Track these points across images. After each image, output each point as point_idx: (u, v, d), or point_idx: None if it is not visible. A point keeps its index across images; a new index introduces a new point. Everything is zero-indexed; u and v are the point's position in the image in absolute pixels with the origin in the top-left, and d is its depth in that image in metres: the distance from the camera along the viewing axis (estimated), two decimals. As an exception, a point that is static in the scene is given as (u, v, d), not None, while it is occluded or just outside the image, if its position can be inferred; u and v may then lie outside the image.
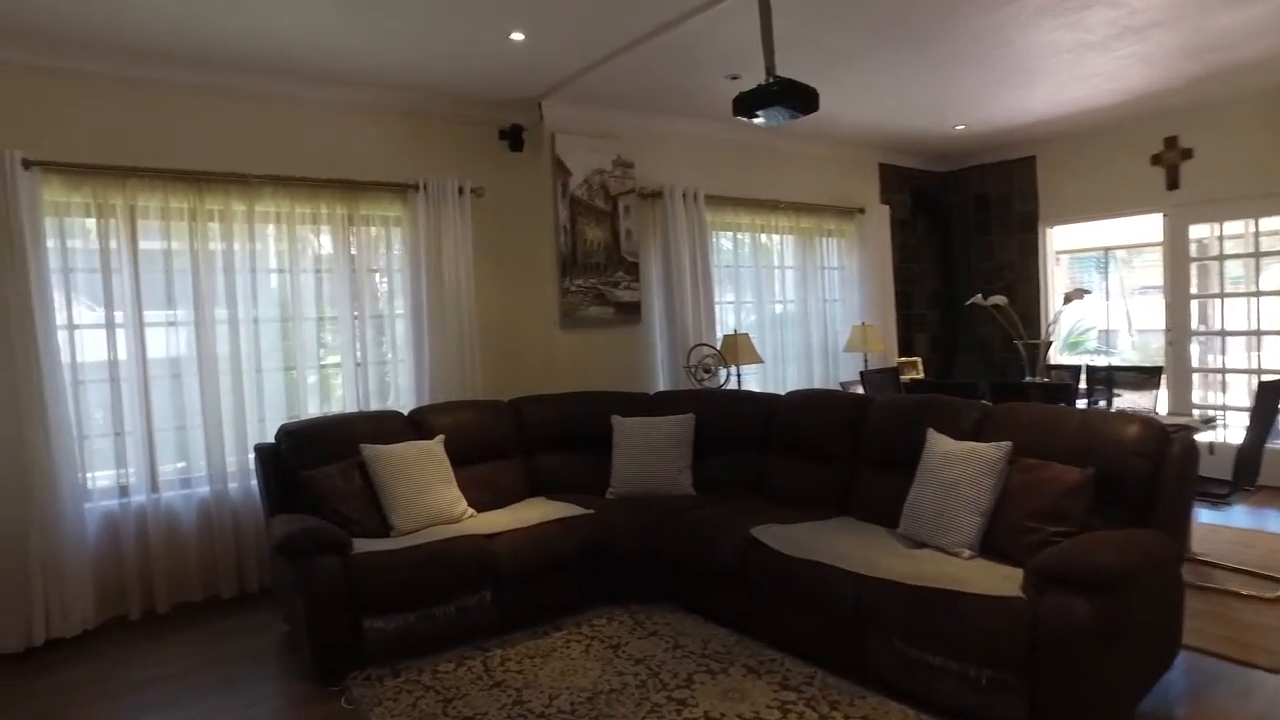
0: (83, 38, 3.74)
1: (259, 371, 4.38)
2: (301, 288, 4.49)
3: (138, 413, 4.05)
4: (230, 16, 3.59)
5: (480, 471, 4.36)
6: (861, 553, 3.18)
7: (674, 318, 5.48)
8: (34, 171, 3.76)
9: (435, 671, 3.34)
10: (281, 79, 4.37)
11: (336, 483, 3.81)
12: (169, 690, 3.33)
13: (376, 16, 3.68)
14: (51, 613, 3.78)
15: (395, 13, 3.65)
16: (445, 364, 4.82)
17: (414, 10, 3.64)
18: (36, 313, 3.72)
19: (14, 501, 3.69)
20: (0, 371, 3.65)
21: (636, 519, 4.03)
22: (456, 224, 4.85)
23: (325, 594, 3.26)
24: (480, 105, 5.00)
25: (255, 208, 4.33)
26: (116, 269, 4.01)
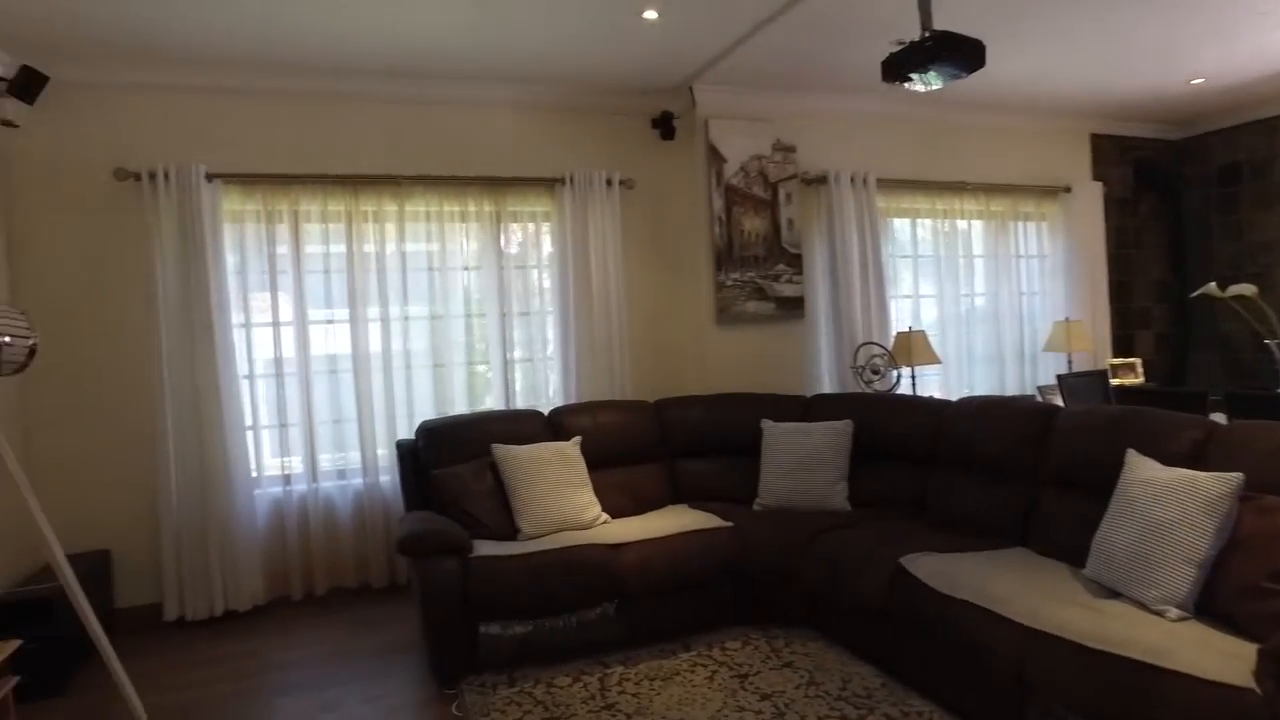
0: (248, 60, 3.99)
1: (409, 369, 4.49)
2: (451, 285, 4.56)
3: (300, 407, 4.28)
4: (373, 32, 3.67)
5: (619, 476, 4.19)
6: (1030, 597, 2.62)
7: (841, 314, 5.01)
8: (215, 183, 4.08)
9: (550, 685, 3.20)
10: (427, 82, 4.44)
11: (467, 482, 3.79)
12: (306, 672, 3.46)
13: (504, 9, 3.59)
14: (228, 588, 4.10)
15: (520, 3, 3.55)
16: (592, 363, 4.71)
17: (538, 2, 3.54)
18: (215, 312, 4.03)
19: (195, 487, 4.02)
20: (183, 368, 4.00)
21: (779, 535, 3.67)
22: (604, 217, 4.72)
23: (441, 596, 3.23)
24: (628, 94, 4.83)
25: (406, 207, 4.44)
26: (283, 270, 4.26)
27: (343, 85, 4.30)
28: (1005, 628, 2.55)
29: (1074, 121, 5.88)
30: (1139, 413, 3.09)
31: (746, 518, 3.85)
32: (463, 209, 4.55)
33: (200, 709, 3.17)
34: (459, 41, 3.94)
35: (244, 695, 3.28)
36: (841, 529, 3.60)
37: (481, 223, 4.60)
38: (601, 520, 3.92)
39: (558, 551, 3.44)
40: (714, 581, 3.60)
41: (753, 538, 3.67)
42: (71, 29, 3.55)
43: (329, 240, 4.35)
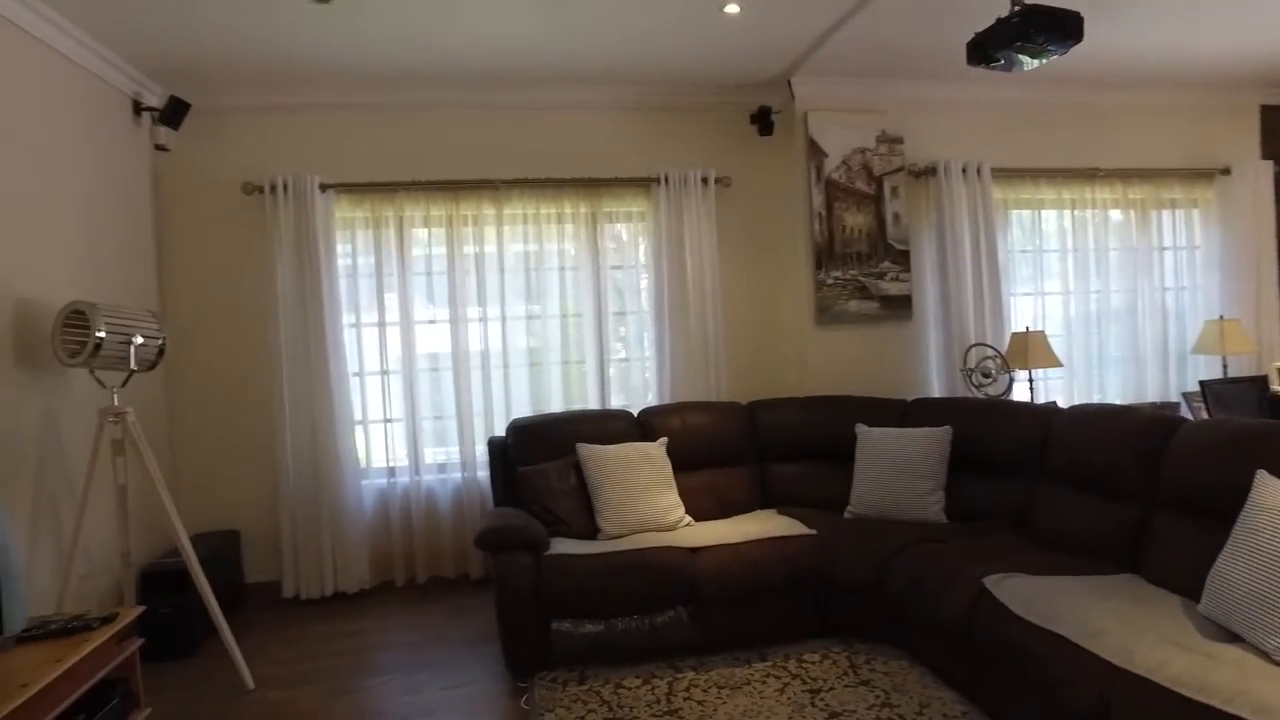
0: (355, 77, 4.23)
1: (506, 367, 4.63)
2: (548, 286, 4.65)
3: (405, 403, 4.52)
4: (465, 44, 3.79)
5: (707, 478, 4.15)
6: (1126, 632, 2.36)
7: (951, 313, 4.71)
8: (329, 193, 4.37)
9: (619, 685, 3.21)
10: (522, 88, 4.54)
11: (550, 480, 3.86)
12: (400, 655, 3.65)
13: (573, 13, 3.62)
14: (338, 571, 4.39)
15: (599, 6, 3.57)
16: (687, 363, 4.68)
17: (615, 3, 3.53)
18: (327, 314, 4.32)
19: (309, 476, 4.33)
20: (298, 366, 4.31)
21: (864, 546, 3.50)
22: (699, 216, 4.67)
23: (514, 591, 3.31)
24: (724, 90, 4.75)
25: (504, 210, 4.57)
26: (389, 273, 4.50)
27: (443, 95, 4.48)
28: (1091, 664, 2.30)
29: (1237, 93, 5.22)
30: (1275, 429, 2.71)
31: (833, 526, 3.71)
32: (559, 210, 4.64)
33: (301, 682, 3.42)
34: (538, 48, 4.01)
35: (341, 673, 3.50)
36: (930, 542, 3.39)
37: (578, 224, 4.67)
38: (685, 523, 3.89)
39: (632, 553, 3.44)
40: (794, 590, 3.49)
41: (836, 547, 3.53)
42: (209, 62, 3.89)
43: (431, 244, 4.55)
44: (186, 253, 4.37)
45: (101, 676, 2.70)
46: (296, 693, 3.33)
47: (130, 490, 3.36)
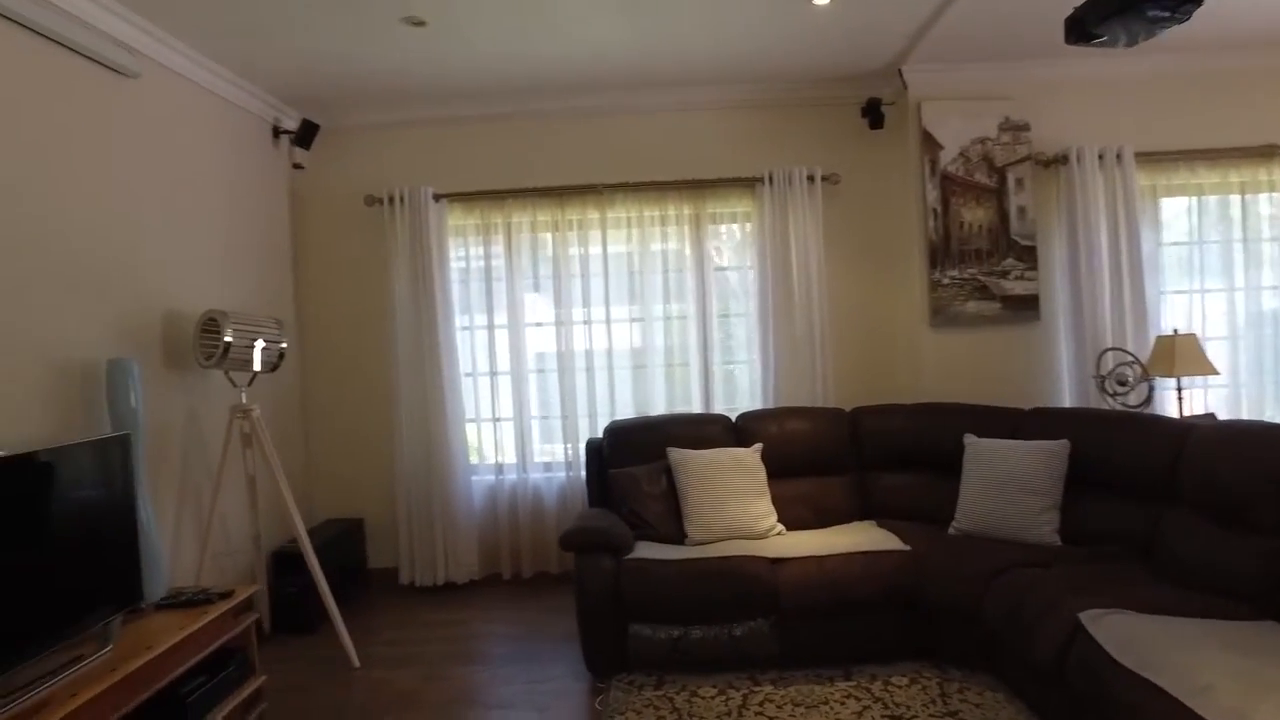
0: (462, 91, 4.44)
1: (610, 369, 4.70)
2: (651, 288, 4.68)
3: (513, 403, 4.70)
4: (564, 52, 3.88)
5: (803, 486, 4.03)
6: (1241, 692, 2.06)
7: (1083, 314, 4.30)
8: (442, 203, 4.61)
9: (694, 693, 3.19)
10: (623, 92, 4.60)
11: (640, 484, 3.88)
12: (493, 647, 3.82)
13: (660, 16, 3.60)
14: (449, 561, 4.64)
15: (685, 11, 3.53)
16: (792, 366, 4.56)
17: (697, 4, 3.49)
18: (439, 317, 4.56)
19: (423, 470, 4.60)
20: (412, 367, 4.58)
21: (961, 566, 3.27)
22: (805, 215, 4.54)
23: (593, 593, 3.37)
24: (830, 84, 4.57)
25: (608, 214, 4.64)
26: (497, 278, 4.69)
27: (546, 104, 4.61)
28: (1188, 722, 2.04)
29: None
30: None
31: (932, 542, 3.50)
32: (663, 213, 4.65)
33: (402, 664, 3.65)
34: (634, 54, 4.03)
35: (440, 659, 3.71)
36: (1034, 566, 3.12)
37: (681, 226, 4.66)
38: (776, 531, 3.80)
39: (711, 560, 3.41)
40: (883, 608, 3.32)
41: (930, 565, 3.32)
42: (333, 86, 4.22)
43: (538, 248, 4.70)
44: (318, 262, 4.76)
45: (219, 645, 3.00)
46: (396, 674, 3.56)
47: (264, 478, 3.71)
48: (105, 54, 3.12)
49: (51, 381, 2.84)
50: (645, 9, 3.52)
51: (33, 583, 2.47)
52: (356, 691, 3.41)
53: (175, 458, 3.52)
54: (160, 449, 3.42)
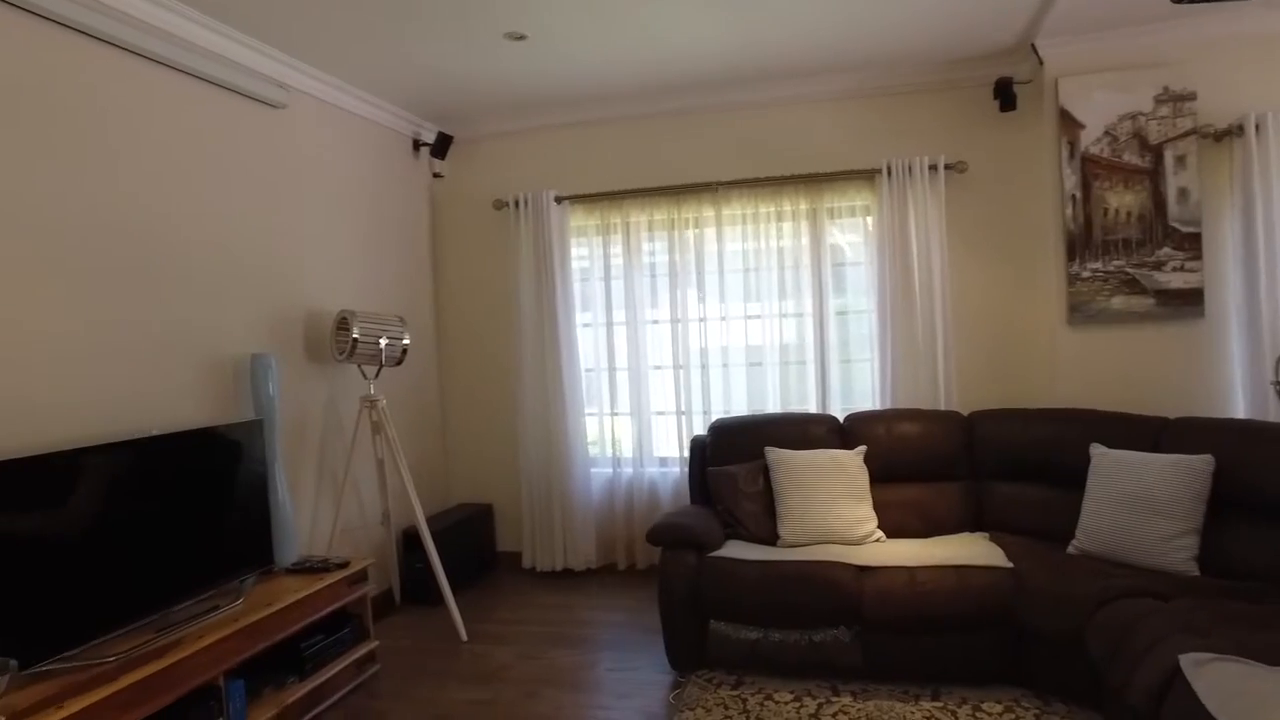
0: (580, 97, 4.58)
1: (726, 367, 4.69)
2: (767, 285, 4.61)
3: (630, 398, 4.82)
4: (668, 55, 3.93)
5: (910, 492, 3.83)
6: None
7: (1260, 310, 3.73)
8: (564, 205, 4.82)
9: (770, 696, 3.15)
10: (734, 89, 4.54)
11: (737, 483, 3.86)
12: (592, 632, 3.96)
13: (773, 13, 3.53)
14: (568, 549, 4.85)
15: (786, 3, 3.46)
16: (911, 366, 4.33)
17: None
18: (560, 314, 4.78)
19: (543, 461, 4.84)
20: (535, 362, 4.83)
21: (1067, 589, 2.97)
22: (927, 206, 4.28)
23: (674, 588, 3.41)
24: (951, 66, 4.27)
25: (724, 211, 4.63)
26: (616, 276, 4.83)
27: (660, 104, 4.68)
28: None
29: None
30: None
31: (1040, 561, 3.20)
32: (778, 209, 4.57)
33: (504, 641, 3.89)
34: (738, 50, 3.98)
35: (539, 640, 3.91)
36: (1150, 596, 2.77)
37: (798, 221, 4.56)
38: (874, 538, 3.65)
39: (794, 564, 3.33)
40: (975, 627, 3.09)
41: (1031, 586, 3.05)
42: (462, 100, 4.54)
43: (655, 247, 4.79)
44: (455, 263, 5.14)
45: (335, 608, 3.37)
46: (496, 650, 3.80)
47: (406, 461, 4.09)
48: (257, 91, 3.58)
49: (206, 372, 3.31)
50: (750, 6, 3.49)
51: (184, 539, 2.92)
52: (456, 662, 3.68)
53: (315, 440, 3.97)
54: (301, 432, 3.87)
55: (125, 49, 2.99)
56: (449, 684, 3.46)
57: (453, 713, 3.20)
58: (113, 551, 2.66)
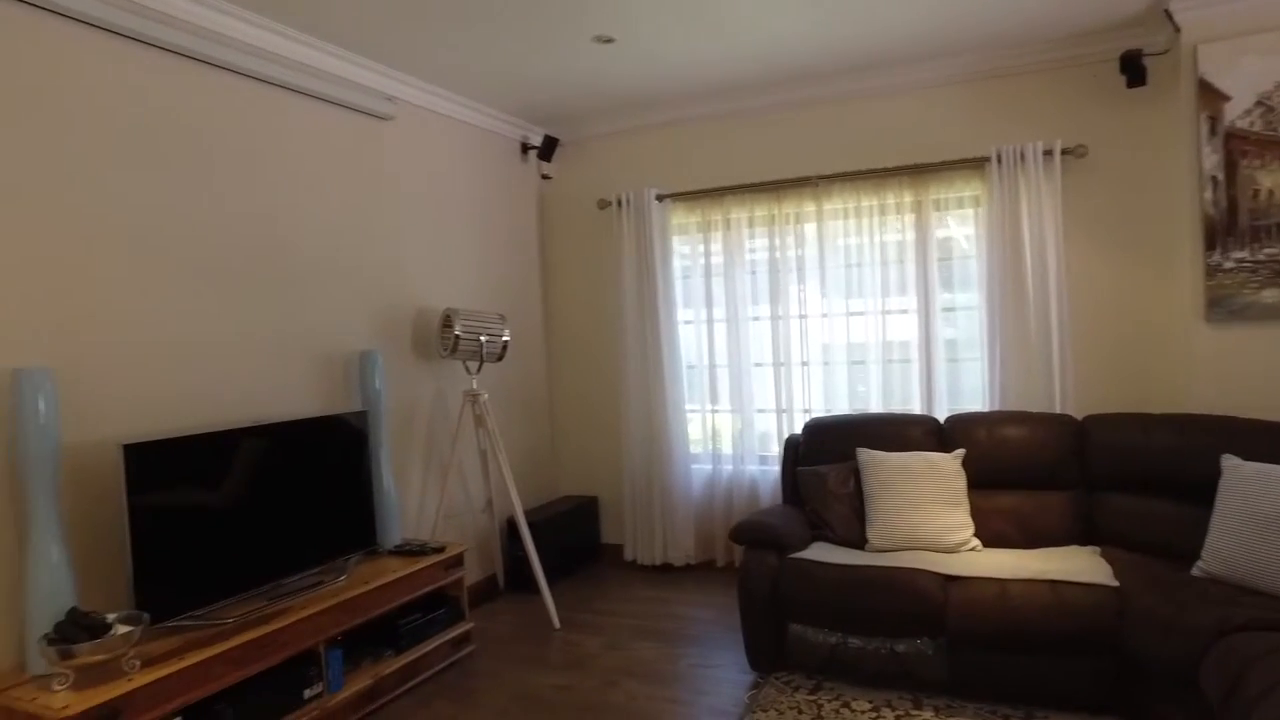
0: (680, 95, 4.59)
1: (827, 364, 4.57)
2: (871, 281, 4.45)
3: (730, 395, 4.80)
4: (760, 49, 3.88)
5: (1012, 500, 3.60)
6: None
7: None
8: (665, 203, 4.86)
9: (847, 704, 3.07)
10: (833, 80, 4.41)
11: (827, 483, 3.76)
12: (680, 627, 3.99)
13: None
14: (668, 544, 4.90)
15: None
16: (1022, 366, 4.06)
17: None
18: (661, 311, 4.82)
19: (645, 457, 4.91)
20: (637, 359, 4.90)
21: (1180, 616, 2.69)
22: (1041, 194, 3.99)
23: (753, 588, 3.38)
24: (1068, 41, 3.93)
25: (824, 206, 4.51)
26: (717, 273, 4.81)
27: (758, 99, 4.61)
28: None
29: None
30: None
31: (1154, 582, 2.92)
32: (881, 202, 4.40)
33: (595, 631, 4.00)
34: (835, 39, 3.85)
35: (628, 632, 3.99)
36: (1275, 631, 2.46)
37: (902, 214, 4.38)
38: (970, 547, 3.46)
39: (876, 569, 3.22)
40: (1070, 650, 2.87)
41: (1137, 609, 2.79)
42: (566, 105, 4.68)
43: (756, 243, 4.74)
44: (562, 262, 5.30)
45: (431, 590, 3.59)
46: (586, 639, 3.91)
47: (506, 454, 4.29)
48: (366, 105, 3.86)
49: (321, 367, 3.62)
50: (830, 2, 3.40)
51: (299, 518, 3.22)
52: (547, 649, 3.82)
53: (422, 431, 4.23)
54: (409, 423, 4.14)
55: (254, 77, 3.32)
56: (536, 668, 3.60)
57: (535, 695, 3.33)
58: (238, 525, 2.97)
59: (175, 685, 2.53)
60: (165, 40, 2.97)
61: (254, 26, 3.27)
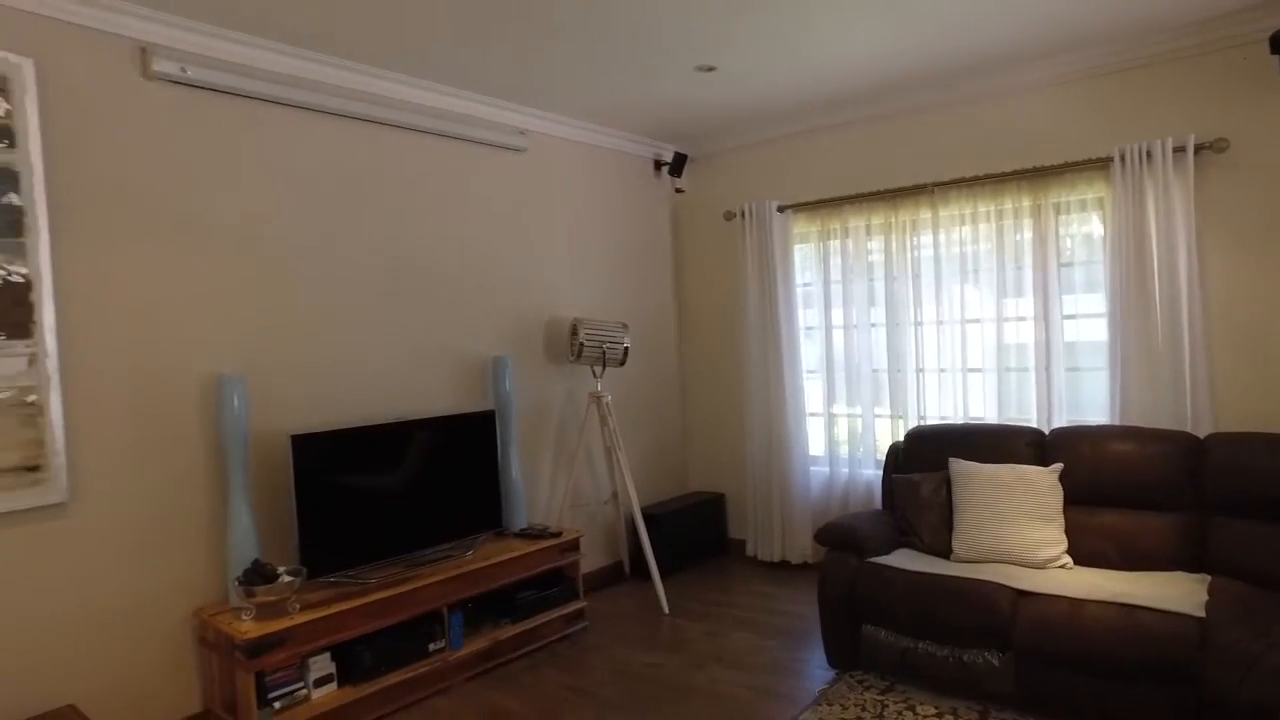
0: (794, 109, 4.72)
1: (940, 371, 4.54)
2: (987, 287, 4.36)
3: (848, 400, 4.89)
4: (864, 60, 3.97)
5: (1112, 519, 3.47)
6: None
7: None
8: (786, 214, 5.04)
9: (913, 707, 3.18)
10: (947, 85, 4.34)
11: (919, 491, 3.81)
12: (777, 622, 4.20)
13: None
14: (786, 542, 5.09)
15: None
16: (1147, 378, 3.83)
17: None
18: (782, 319, 5.01)
19: (765, 458, 5.12)
20: (759, 364, 5.12)
21: (1265, 654, 2.54)
22: (1171, 195, 3.73)
23: (832, 589, 3.53)
24: (1204, 25, 3.61)
25: (940, 213, 4.47)
26: (835, 280, 4.91)
27: (873, 108, 4.65)
28: None
29: None
30: None
31: (1255, 616, 2.75)
32: (998, 207, 4.30)
33: (699, 619, 4.31)
34: (945, 44, 3.86)
35: (729, 622, 4.26)
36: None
37: (1020, 219, 4.25)
38: (1059, 564, 3.39)
39: (948, 578, 3.27)
40: (1144, 677, 2.78)
41: (1221, 643, 2.65)
42: (693, 124, 4.99)
43: (873, 251, 4.78)
44: (694, 271, 5.62)
45: (547, 569, 4.09)
46: (688, 625, 4.24)
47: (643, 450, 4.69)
48: (501, 140, 4.42)
49: (458, 371, 4.22)
50: (912, 10, 3.46)
51: (436, 500, 3.83)
52: (652, 631, 4.18)
53: (553, 429, 4.75)
54: (541, 422, 4.67)
55: (404, 128, 3.96)
56: (636, 647, 3.98)
57: (628, 670, 3.72)
58: (383, 504, 3.62)
59: (325, 627, 3.19)
60: (334, 107, 3.66)
61: (400, 84, 3.90)
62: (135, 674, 3.05)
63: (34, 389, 2.86)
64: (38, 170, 2.88)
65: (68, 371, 2.92)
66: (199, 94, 3.26)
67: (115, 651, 3.00)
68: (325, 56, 3.58)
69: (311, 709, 3.14)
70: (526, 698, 3.49)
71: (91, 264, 2.98)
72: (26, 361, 2.85)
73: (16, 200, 2.84)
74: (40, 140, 2.87)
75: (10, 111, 2.83)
